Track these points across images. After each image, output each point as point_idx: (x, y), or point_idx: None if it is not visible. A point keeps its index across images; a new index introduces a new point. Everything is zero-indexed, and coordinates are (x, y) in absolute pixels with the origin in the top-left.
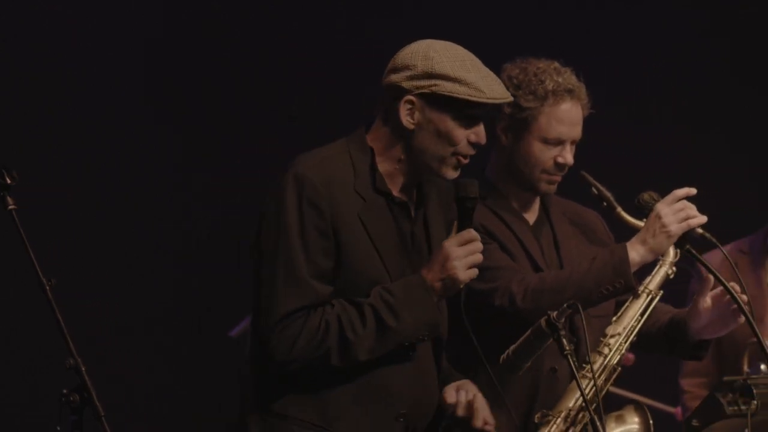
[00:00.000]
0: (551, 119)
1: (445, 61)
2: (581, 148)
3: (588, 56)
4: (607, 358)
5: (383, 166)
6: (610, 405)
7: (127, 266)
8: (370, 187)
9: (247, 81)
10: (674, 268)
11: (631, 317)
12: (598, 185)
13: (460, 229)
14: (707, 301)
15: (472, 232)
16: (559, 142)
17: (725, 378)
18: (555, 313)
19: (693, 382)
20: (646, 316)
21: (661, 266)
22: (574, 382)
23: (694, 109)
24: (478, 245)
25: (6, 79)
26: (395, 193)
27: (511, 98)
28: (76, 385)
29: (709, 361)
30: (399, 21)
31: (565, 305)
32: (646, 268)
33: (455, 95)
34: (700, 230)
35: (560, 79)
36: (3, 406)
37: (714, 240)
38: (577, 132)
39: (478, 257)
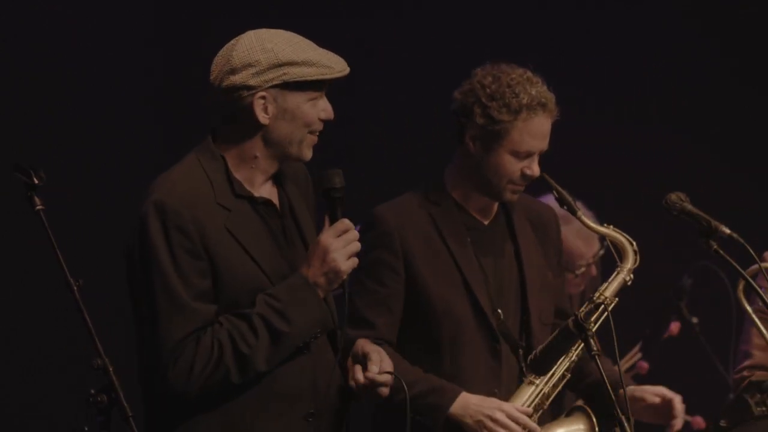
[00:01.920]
0: (523, 134)
1: (286, 48)
2: (580, 148)
3: (588, 56)
4: (558, 364)
5: (240, 170)
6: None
7: None
8: (230, 195)
9: None
10: (632, 275)
11: None
12: (559, 188)
13: (332, 221)
14: (656, 399)
15: (346, 222)
16: (529, 155)
17: (753, 378)
18: (583, 314)
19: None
20: (599, 323)
21: (618, 273)
22: (523, 386)
23: (694, 109)
24: (354, 233)
25: (33, 80)
26: (257, 194)
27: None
28: (103, 385)
29: None
30: (400, 21)
31: (592, 305)
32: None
33: (307, 78)
34: (727, 230)
35: (534, 92)
36: (31, 406)
37: (742, 241)
38: (545, 144)
39: (357, 245)
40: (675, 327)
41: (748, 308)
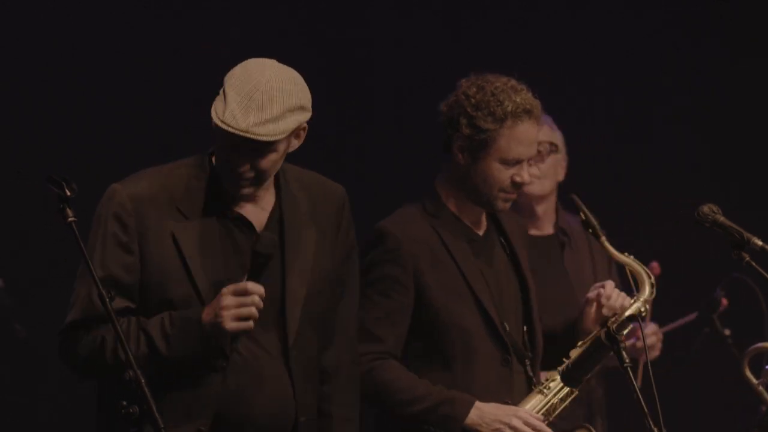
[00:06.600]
0: (510, 141)
1: (230, 76)
2: (612, 159)
3: (582, 63)
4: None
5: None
6: None
7: None
8: (199, 206)
9: None
10: (647, 307)
11: None
12: (587, 211)
13: (249, 278)
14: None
15: (250, 286)
16: (518, 162)
17: None
18: (615, 326)
19: None
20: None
21: (634, 302)
22: (532, 393)
23: (726, 119)
24: (254, 299)
25: (62, 92)
26: (240, 208)
27: (253, 137)
28: (135, 397)
29: None
30: (405, 22)
31: (623, 316)
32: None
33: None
34: (759, 242)
35: (518, 99)
36: (62, 418)
37: None
38: (534, 150)
39: (250, 311)
40: (656, 267)
41: None
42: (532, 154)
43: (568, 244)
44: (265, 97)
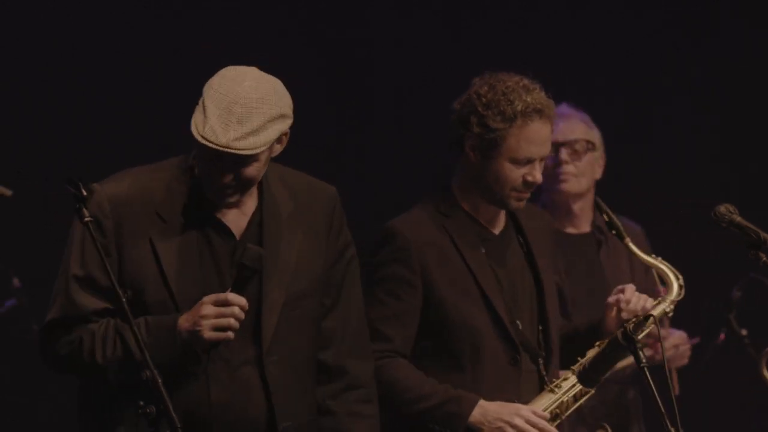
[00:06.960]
0: (521, 140)
1: (209, 87)
2: (630, 158)
3: (582, 63)
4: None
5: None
6: None
7: None
8: (178, 210)
9: None
10: (673, 307)
11: None
12: (611, 213)
13: (233, 290)
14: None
15: (231, 297)
16: (529, 162)
17: None
18: (632, 326)
19: None
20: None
21: (660, 303)
22: (543, 392)
23: (746, 118)
24: (234, 311)
25: (62, 92)
26: (220, 213)
27: (234, 152)
28: (152, 396)
29: None
30: (405, 22)
31: (641, 317)
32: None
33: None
34: None
35: (529, 99)
36: (62, 418)
37: None
38: (546, 150)
39: (229, 322)
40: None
41: None
42: (544, 154)
43: (605, 243)
44: (244, 110)
